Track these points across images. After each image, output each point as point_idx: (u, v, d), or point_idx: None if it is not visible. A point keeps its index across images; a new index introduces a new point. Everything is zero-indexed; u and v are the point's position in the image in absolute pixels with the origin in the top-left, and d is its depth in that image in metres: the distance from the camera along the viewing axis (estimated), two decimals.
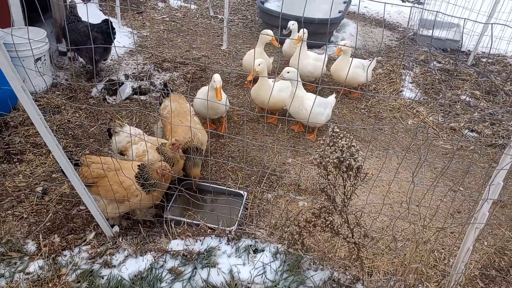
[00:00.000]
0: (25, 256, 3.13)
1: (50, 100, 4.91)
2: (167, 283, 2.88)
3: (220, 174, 4.18)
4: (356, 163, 2.45)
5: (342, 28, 7.85)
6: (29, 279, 2.93)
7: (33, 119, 2.50)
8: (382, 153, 4.69)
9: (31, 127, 4.40)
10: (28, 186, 3.80)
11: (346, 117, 5.32)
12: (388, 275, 3.11)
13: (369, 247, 3.29)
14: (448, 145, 4.97)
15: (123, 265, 3.01)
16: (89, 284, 2.89)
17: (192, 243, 3.16)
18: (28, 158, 4.09)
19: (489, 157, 4.82)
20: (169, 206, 3.54)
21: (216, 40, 7.14)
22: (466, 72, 6.51)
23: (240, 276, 2.91)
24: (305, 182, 4.19)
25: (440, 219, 3.77)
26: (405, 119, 5.37)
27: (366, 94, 5.13)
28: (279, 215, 3.68)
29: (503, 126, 5.28)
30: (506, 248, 3.59)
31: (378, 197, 4.01)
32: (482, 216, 2.45)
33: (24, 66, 4.36)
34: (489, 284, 3.25)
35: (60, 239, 3.29)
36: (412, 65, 6.66)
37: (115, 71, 5.76)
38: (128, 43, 6.52)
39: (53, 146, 2.65)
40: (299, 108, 4.48)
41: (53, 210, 3.57)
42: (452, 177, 4.44)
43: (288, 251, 3.05)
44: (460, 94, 5.94)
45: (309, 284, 2.89)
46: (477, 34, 6.84)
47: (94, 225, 3.41)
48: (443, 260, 3.41)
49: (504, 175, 2.33)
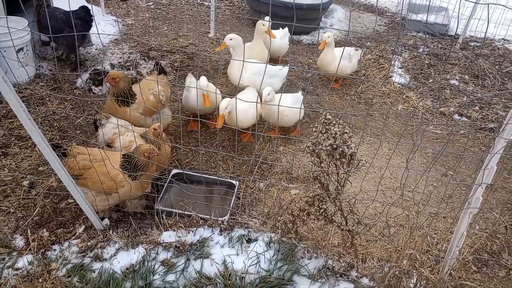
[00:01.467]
0: (13, 251, 3.06)
1: (33, 92, 4.78)
2: (160, 275, 2.84)
3: (210, 163, 4.13)
4: (350, 150, 2.42)
5: (331, 14, 7.77)
6: (18, 274, 2.87)
7: (16, 111, 2.41)
8: (373, 139, 4.68)
9: (15, 119, 4.28)
10: (14, 180, 3.70)
11: (337, 104, 5.29)
12: (382, 262, 3.11)
13: (363, 234, 3.29)
14: (439, 130, 4.98)
15: (114, 258, 2.96)
16: (80, 278, 2.83)
17: (185, 234, 3.11)
18: (13, 151, 3.99)
19: (479, 141, 4.84)
20: (160, 198, 3.49)
21: (203, 27, 7.02)
22: (455, 56, 6.50)
23: (233, 267, 2.88)
24: (296, 170, 4.16)
25: (432, 205, 3.77)
26: (395, 105, 5.36)
27: (356, 79, 5.10)
28: (271, 204, 3.65)
29: (492, 110, 5.29)
30: (497, 231, 3.61)
31: (370, 183, 4.00)
32: (476, 200, 2.44)
33: (5, 57, 4.23)
34: (481, 267, 3.27)
35: (49, 234, 3.22)
36: (401, 50, 6.63)
37: (100, 60, 5.63)
38: (113, 31, 6.37)
39: (38, 139, 2.57)
40: (280, 118, 4.26)
41: (41, 204, 3.49)
42: (443, 162, 4.44)
43: (282, 240, 3.03)
44: (449, 78, 5.93)
45: (303, 273, 2.88)
46: (465, 18, 6.84)
47: (83, 219, 3.35)
48: (436, 245, 3.42)
49: (497, 159, 2.32)
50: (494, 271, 3.26)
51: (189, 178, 3.62)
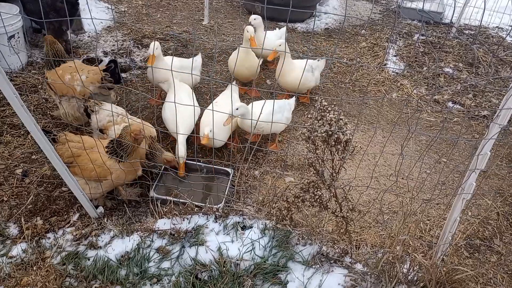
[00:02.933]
0: (7, 239, 3.05)
1: (26, 79, 4.73)
2: (155, 263, 2.85)
3: (205, 151, 4.12)
4: (345, 137, 2.42)
5: (325, 1, 7.72)
6: (12, 262, 2.87)
7: (9, 98, 2.38)
8: (367, 126, 4.68)
9: (7, 107, 4.24)
10: (7, 168, 3.68)
11: (331, 92, 5.28)
12: (376, 248, 3.14)
13: (356, 221, 3.31)
14: (432, 117, 4.99)
15: (109, 246, 2.96)
16: (74, 266, 2.84)
17: (179, 222, 3.12)
18: (5, 139, 3.95)
19: (473, 128, 4.86)
20: (155, 185, 3.48)
21: (197, 15, 6.95)
22: (450, 44, 6.50)
23: (228, 253, 2.89)
24: (291, 158, 4.16)
25: (425, 191, 3.80)
26: (390, 93, 5.36)
27: (352, 65, 5.09)
28: (266, 191, 3.66)
29: (486, 97, 5.31)
30: (489, 217, 3.65)
31: (364, 171, 4.01)
32: (469, 186, 2.46)
33: None
34: (473, 253, 3.31)
35: (43, 222, 3.21)
36: (396, 38, 6.62)
37: (93, 48, 5.57)
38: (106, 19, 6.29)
39: (32, 127, 2.54)
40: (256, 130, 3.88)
41: (34, 192, 3.47)
42: (437, 149, 4.47)
43: (277, 227, 3.04)
44: (444, 66, 5.94)
45: (298, 259, 2.90)
46: (460, 6, 6.82)
47: (77, 207, 3.34)
48: (429, 231, 3.45)
49: (491, 145, 2.33)
50: (486, 256, 3.30)
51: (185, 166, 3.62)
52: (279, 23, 6.79)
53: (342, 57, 6.06)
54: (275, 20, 6.79)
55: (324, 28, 6.94)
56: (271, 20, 6.77)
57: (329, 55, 6.04)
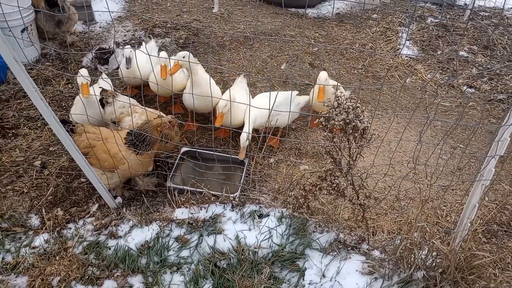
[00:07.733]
0: (29, 230, 3.12)
1: (40, 72, 4.77)
2: (175, 251, 2.90)
3: (219, 141, 4.13)
4: (362, 125, 2.41)
5: None
6: (35, 253, 2.93)
7: (28, 92, 2.41)
8: (381, 113, 4.65)
9: (24, 100, 4.28)
10: (26, 160, 3.74)
11: (344, 78, 5.24)
12: (392, 234, 3.15)
13: (373, 208, 3.31)
14: (447, 102, 4.94)
15: (129, 235, 3.01)
16: (96, 255, 2.89)
17: (197, 211, 3.15)
18: (23, 132, 4.01)
19: (489, 113, 4.80)
20: (171, 175, 3.51)
21: (207, 3, 6.90)
22: (463, 27, 6.39)
23: (246, 241, 2.93)
24: (305, 146, 4.16)
25: (441, 177, 3.78)
26: (403, 78, 5.30)
27: (363, 53, 5.03)
28: (281, 179, 3.67)
29: (502, 81, 5.23)
30: (507, 202, 3.63)
31: (379, 157, 4.00)
32: (488, 172, 2.44)
33: (15, 36, 4.19)
34: (491, 238, 3.30)
35: (63, 212, 3.27)
36: (409, 22, 6.52)
37: (105, 39, 5.58)
38: (116, 9, 6.29)
39: (51, 119, 2.58)
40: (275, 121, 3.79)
41: (54, 183, 3.52)
42: (453, 135, 4.43)
43: (293, 215, 3.06)
44: (458, 50, 5.85)
45: (315, 246, 2.92)
46: None
47: (96, 197, 3.39)
48: (445, 217, 3.45)
49: (511, 131, 2.31)
50: (504, 241, 3.29)
51: (199, 156, 3.64)
52: (289, 9, 6.73)
53: (354, 42, 5.99)
54: (287, 6, 6.73)
55: (336, 13, 6.86)
56: (283, 6, 6.70)
57: (340, 42, 5.99)
